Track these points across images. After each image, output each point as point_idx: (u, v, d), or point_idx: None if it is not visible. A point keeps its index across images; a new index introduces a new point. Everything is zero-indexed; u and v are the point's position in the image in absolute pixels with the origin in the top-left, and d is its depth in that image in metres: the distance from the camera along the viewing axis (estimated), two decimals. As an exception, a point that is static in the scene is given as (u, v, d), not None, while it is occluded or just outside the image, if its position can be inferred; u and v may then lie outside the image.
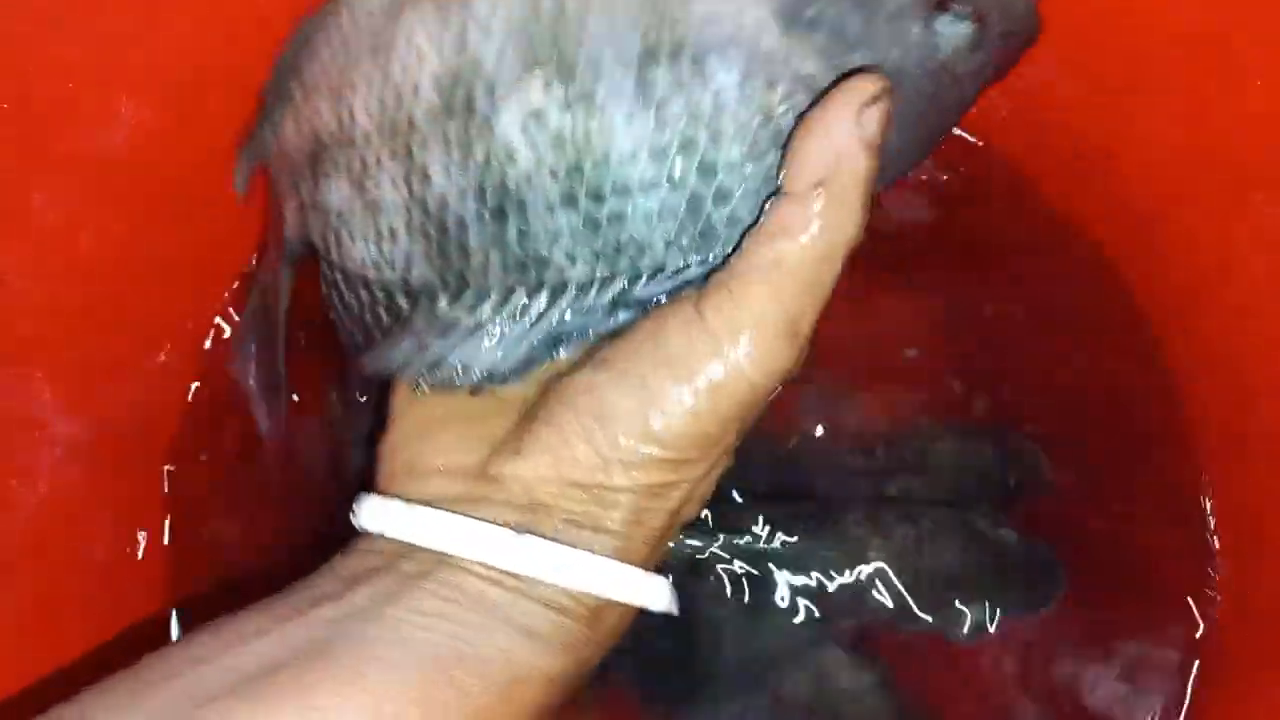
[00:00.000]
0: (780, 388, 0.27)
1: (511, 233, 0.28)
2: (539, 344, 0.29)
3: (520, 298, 0.28)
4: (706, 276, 0.27)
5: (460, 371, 0.29)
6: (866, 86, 0.26)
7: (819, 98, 0.26)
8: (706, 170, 0.27)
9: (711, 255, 0.28)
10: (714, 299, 0.26)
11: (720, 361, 0.26)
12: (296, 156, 0.31)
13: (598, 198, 0.27)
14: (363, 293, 0.31)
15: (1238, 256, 0.40)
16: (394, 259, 0.29)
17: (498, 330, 0.29)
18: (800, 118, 0.26)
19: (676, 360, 0.26)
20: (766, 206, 0.27)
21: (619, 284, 0.28)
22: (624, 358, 0.27)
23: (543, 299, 0.28)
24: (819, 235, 0.26)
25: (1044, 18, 0.29)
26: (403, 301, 0.30)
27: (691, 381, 0.26)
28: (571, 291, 0.28)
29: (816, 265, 0.26)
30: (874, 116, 0.26)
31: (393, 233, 0.29)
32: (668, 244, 0.27)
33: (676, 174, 0.27)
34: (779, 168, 0.27)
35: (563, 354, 0.29)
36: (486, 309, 0.29)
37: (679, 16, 0.26)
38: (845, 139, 0.25)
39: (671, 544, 0.30)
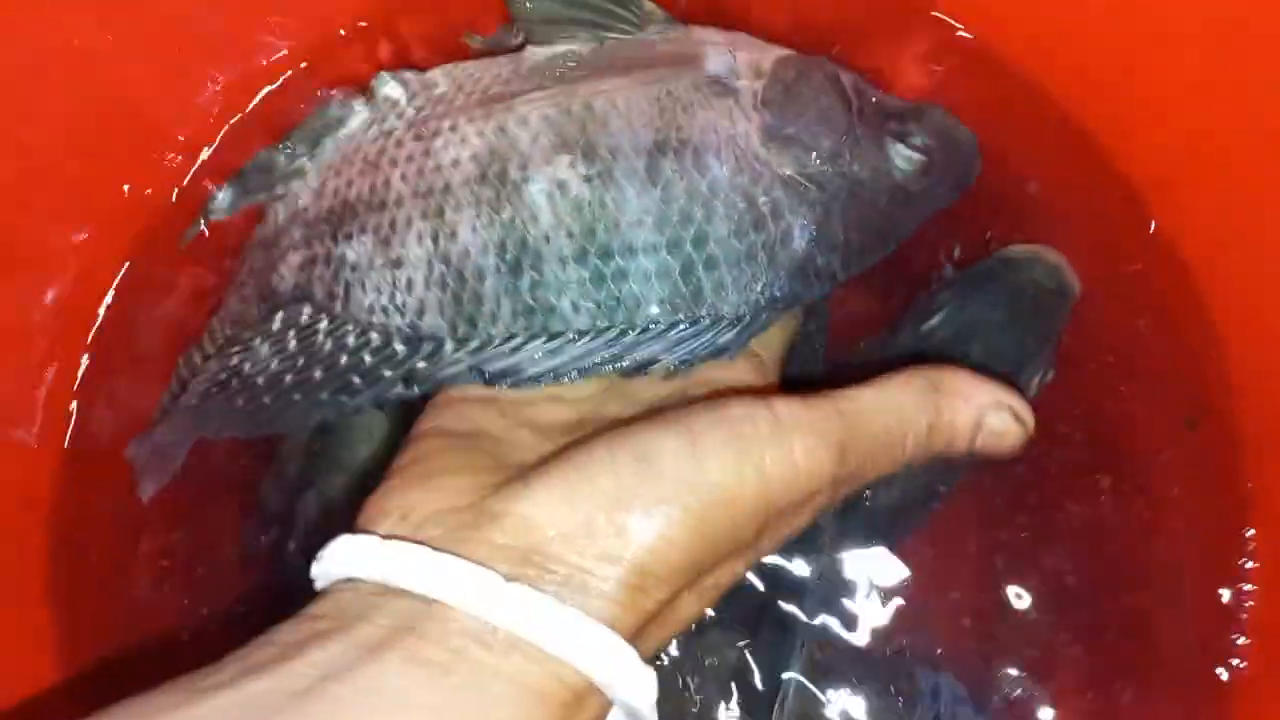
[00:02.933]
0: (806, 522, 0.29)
1: (525, 282, 0.33)
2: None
3: (521, 341, 0.32)
4: (695, 337, 0.32)
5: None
6: (1019, 411, 0.30)
7: (793, 190, 0.33)
8: (699, 240, 0.32)
9: (698, 316, 0.32)
10: (787, 399, 0.28)
11: (775, 435, 0.26)
12: (315, 218, 0.36)
13: (606, 256, 0.32)
14: (351, 339, 0.34)
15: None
16: (405, 307, 0.34)
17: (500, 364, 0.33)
18: (775, 200, 0.33)
19: (734, 420, 0.26)
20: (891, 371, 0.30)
21: (613, 334, 0.32)
22: (677, 415, 0.27)
23: (542, 343, 0.32)
24: (899, 414, 0.29)
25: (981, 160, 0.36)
26: (399, 346, 0.34)
27: (740, 440, 0.26)
28: (570, 336, 0.32)
29: (877, 434, 0.28)
30: (996, 426, 0.30)
31: (410, 284, 0.34)
32: (661, 301, 0.32)
33: (675, 239, 0.32)
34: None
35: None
36: (489, 352, 0.33)
37: (683, 123, 0.33)
38: (969, 409, 0.30)
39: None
